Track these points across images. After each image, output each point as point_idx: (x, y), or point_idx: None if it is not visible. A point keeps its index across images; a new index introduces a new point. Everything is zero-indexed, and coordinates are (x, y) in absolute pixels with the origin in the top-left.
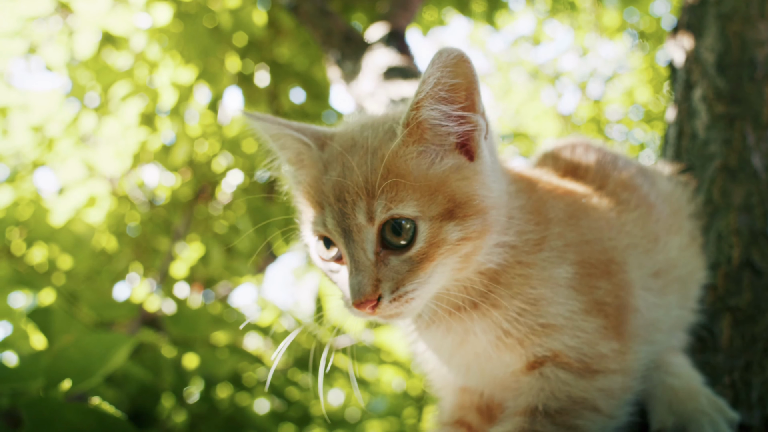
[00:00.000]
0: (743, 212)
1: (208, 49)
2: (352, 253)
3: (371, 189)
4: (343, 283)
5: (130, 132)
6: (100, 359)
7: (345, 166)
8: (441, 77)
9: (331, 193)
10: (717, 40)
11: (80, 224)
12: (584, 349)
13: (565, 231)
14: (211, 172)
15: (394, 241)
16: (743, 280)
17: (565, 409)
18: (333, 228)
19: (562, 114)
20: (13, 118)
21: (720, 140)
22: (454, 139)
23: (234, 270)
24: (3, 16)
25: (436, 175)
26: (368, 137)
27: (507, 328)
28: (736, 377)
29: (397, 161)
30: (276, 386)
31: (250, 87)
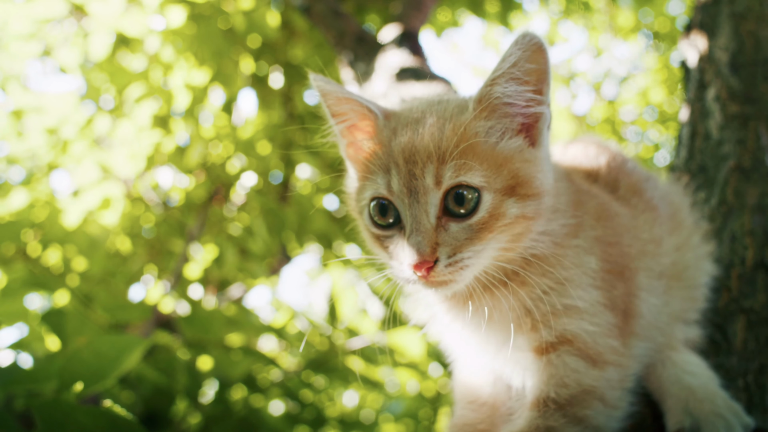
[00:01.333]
0: (757, 213)
1: (222, 51)
2: (415, 215)
3: (442, 154)
4: (399, 249)
5: (144, 134)
6: (113, 361)
7: (416, 132)
8: (520, 58)
9: (400, 156)
10: (730, 39)
11: (94, 226)
12: (598, 338)
13: (596, 227)
14: (225, 173)
15: (456, 209)
16: (757, 281)
17: (575, 398)
18: (398, 189)
19: (576, 115)
20: (28, 120)
21: (734, 140)
22: (521, 120)
23: (248, 271)
24: (17, 19)
25: (502, 151)
26: (438, 110)
27: (530, 306)
28: (750, 380)
29: (468, 133)
30: (290, 388)
31: (264, 88)
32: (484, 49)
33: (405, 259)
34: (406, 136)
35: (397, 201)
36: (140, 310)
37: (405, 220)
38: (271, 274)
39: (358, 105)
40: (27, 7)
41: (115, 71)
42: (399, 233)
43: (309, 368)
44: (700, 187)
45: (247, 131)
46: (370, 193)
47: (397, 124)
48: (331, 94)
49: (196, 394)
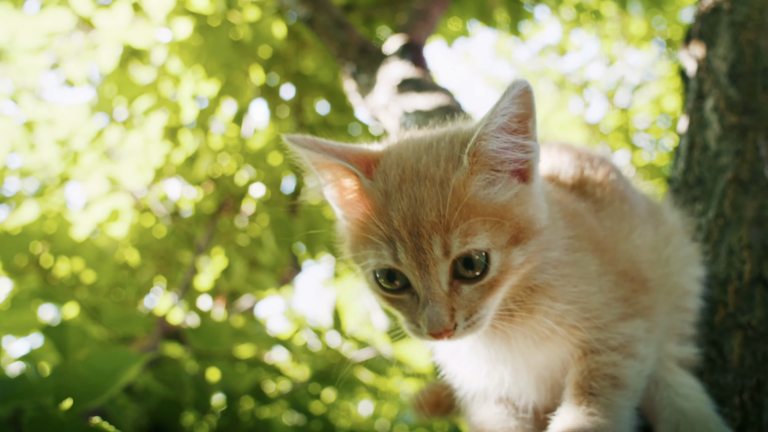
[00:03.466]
0: (755, 226)
1: (230, 62)
2: (428, 286)
3: (446, 223)
4: (413, 313)
5: (152, 146)
6: (110, 377)
7: (414, 198)
8: (511, 110)
9: (402, 228)
10: (729, 48)
11: (103, 238)
12: (623, 306)
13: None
14: (234, 185)
15: (466, 273)
16: (755, 296)
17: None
18: (407, 262)
19: (589, 123)
20: (39, 132)
21: (732, 152)
22: (515, 165)
23: (257, 283)
24: (26, 32)
25: (501, 203)
26: (429, 165)
27: (550, 328)
28: (746, 398)
29: (467, 192)
30: (297, 399)
31: (275, 99)
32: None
33: (422, 325)
34: (404, 204)
35: (406, 271)
36: (143, 322)
37: (417, 288)
38: (282, 285)
39: (338, 167)
40: (35, 20)
41: (124, 83)
42: (411, 297)
43: (315, 380)
44: (697, 199)
45: (258, 142)
46: (375, 262)
47: (387, 185)
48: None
49: (204, 405)
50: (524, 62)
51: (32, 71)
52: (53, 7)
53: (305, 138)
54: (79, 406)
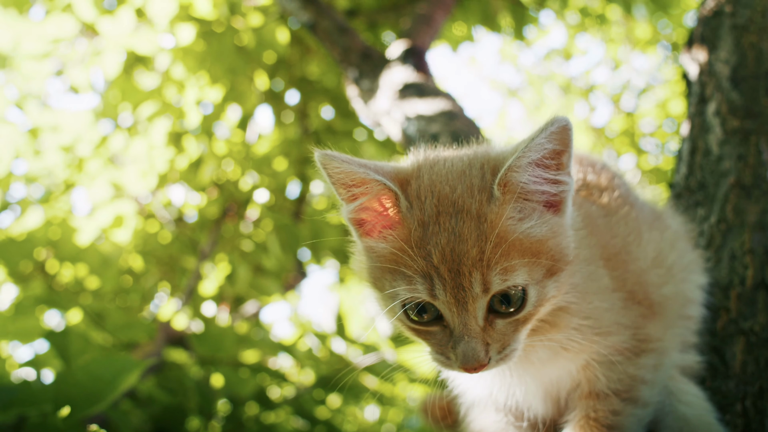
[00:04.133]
0: (758, 231)
1: (235, 68)
2: (464, 322)
3: (487, 260)
4: (441, 345)
5: (156, 152)
6: (109, 383)
7: (453, 233)
8: (546, 147)
9: (442, 264)
10: (732, 52)
11: (107, 244)
12: (631, 339)
13: (591, 235)
14: (239, 190)
15: (501, 308)
16: (758, 301)
17: (626, 387)
18: (444, 298)
19: (594, 127)
20: (44, 139)
21: (734, 156)
22: (546, 197)
23: (261, 288)
24: (30, 38)
25: (538, 238)
26: (464, 196)
27: (566, 346)
28: (749, 404)
29: (504, 227)
30: (301, 405)
31: (280, 105)
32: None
33: (453, 358)
34: (444, 237)
35: (441, 306)
36: (146, 328)
37: (451, 323)
38: (287, 290)
39: (377, 185)
40: (39, 27)
41: (128, 89)
42: (442, 330)
43: (319, 386)
44: (699, 204)
45: (263, 147)
46: (407, 295)
47: (422, 215)
48: (341, 172)
49: (208, 411)
50: (530, 67)
51: (37, 78)
52: (57, 14)
53: (340, 153)
54: (79, 413)
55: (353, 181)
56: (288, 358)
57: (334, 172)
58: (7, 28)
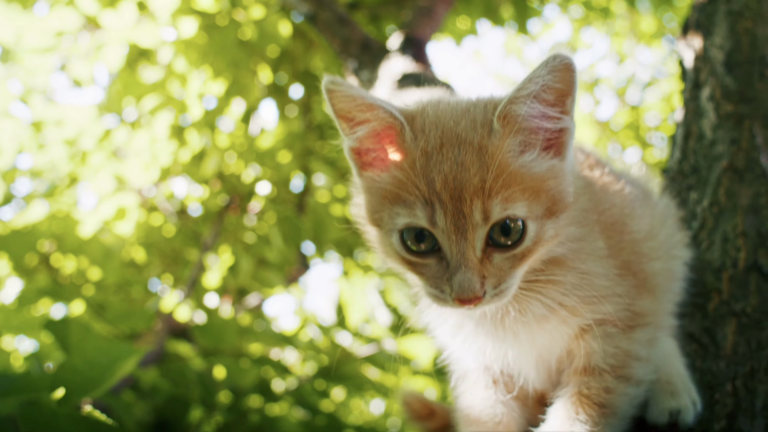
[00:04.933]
0: (750, 214)
1: (238, 62)
2: (462, 251)
3: (488, 189)
4: (436, 277)
5: (158, 144)
6: (106, 370)
7: (456, 162)
8: (547, 80)
9: (444, 190)
10: (726, 38)
11: (110, 236)
12: (624, 311)
13: (591, 202)
14: (241, 183)
15: (500, 240)
16: (750, 283)
17: (620, 361)
18: (443, 225)
19: (599, 121)
20: (48, 133)
21: (727, 140)
22: (546, 135)
23: (264, 280)
24: (33, 32)
25: (539, 174)
26: (467, 129)
27: (562, 301)
28: (739, 384)
29: (504, 158)
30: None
31: (283, 98)
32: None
33: (448, 290)
34: (447, 165)
35: (439, 234)
36: (145, 317)
37: (448, 253)
38: (290, 283)
39: (383, 113)
40: (41, 20)
41: (130, 83)
42: (438, 262)
43: (320, 376)
44: (692, 188)
45: (267, 141)
46: (406, 221)
47: (426, 145)
48: (348, 98)
49: (210, 402)
50: (534, 60)
51: (41, 72)
52: (60, 7)
53: (349, 83)
54: (76, 399)
55: (359, 107)
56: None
57: (342, 97)
58: (10, 22)
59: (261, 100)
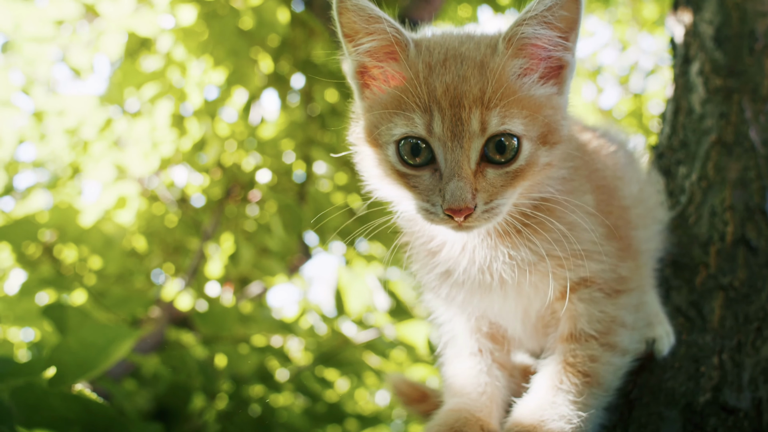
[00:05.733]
0: (739, 187)
1: (238, 50)
2: (456, 160)
3: (487, 100)
4: (428, 190)
5: (158, 133)
6: (101, 351)
7: (457, 74)
8: (554, 4)
9: (444, 97)
10: (716, 12)
11: (110, 225)
12: (609, 272)
13: (583, 160)
14: (242, 171)
15: (495, 156)
16: (738, 257)
17: (606, 327)
18: (441, 132)
19: (602, 109)
20: (49, 123)
21: (716, 114)
22: (548, 64)
23: (265, 269)
24: (32, 21)
25: (537, 98)
26: (470, 49)
27: (549, 249)
28: (726, 358)
29: (506, 76)
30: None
31: (285, 88)
32: None
33: (441, 201)
34: (448, 76)
35: (435, 143)
36: (141, 302)
37: (443, 163)
38: (292, 272)
39: (389, 26)
40: (39, 9)
41: (130, 71)
42: (431, 174)
43: (320, 362)
44: (681, 162)
45: (269, 130)
46: (403, 131)
47: (430, 59)
48: (355, 10)
49: (211, 390)
50: None
51: (41, 62)
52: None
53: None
54: (71, 380)
55: (368, 19)
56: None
57: (353, 7)
58: (8, 11)
59: (263, 89)
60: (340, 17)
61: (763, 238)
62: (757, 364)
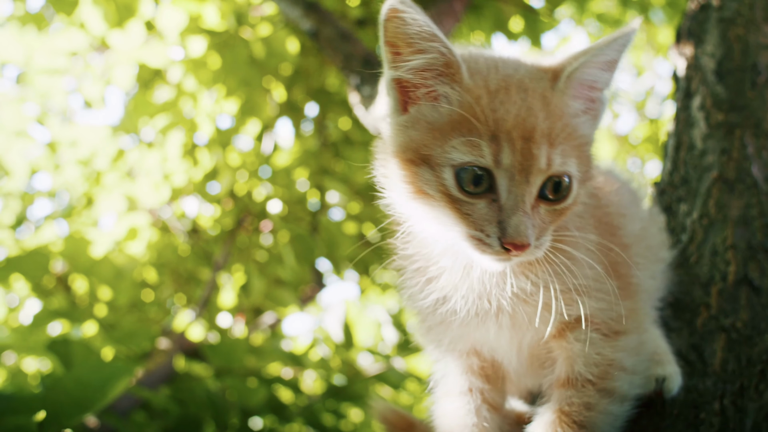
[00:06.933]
0: (741, 226)
1: (249, 80)
2: (521, 195)
3: (554, 137)
4: (484, 220)
5: (171, 164)
6: (98, 390)
7: (524, 104)
8: (612, 52)
9: (514, 130)
10: (718, 45)
11: (121, 256)
12: (608, 312)
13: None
14: (253, 202)
15: (549, 193)
16: (740, 298)
17: (603, 372)
18: (509, 164)
19: (618, 135)
20: (63, 153)
21: (717, 150)
22: (593, 106)
23: (277, 299)
24: (42, 53)
25: (583, 137)
26: (526, 78)
27: (549, 282)
28: (727, 403)
29: (565, 114)
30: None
31: (298, 116)
32: None
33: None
34: (515, 106)
35: (500, 175)
36: (147, 337)
37: (505, 195)
38: (306, 302)
39: (444, 47)
40: (50, 41)
41: (141, 102)
42: (488, 204)
43: (331, 395)
44: (682, 199)
45: (283, 159)
46: (467, 159)
47: (488, 84)
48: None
49: (222, 423)
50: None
51: (54, 93)
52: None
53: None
54: (66, 421)
55: (422, 36)
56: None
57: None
58: (19, 43)
59: (276, 118)
60: (388, 27)
61: (766, 277)
62: (761, 410)
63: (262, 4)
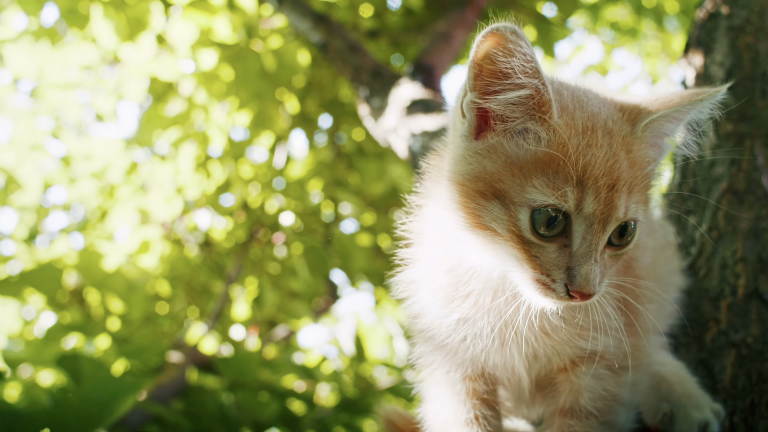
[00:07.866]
0: (751, 238)
1: (262, 92)
2: (596, 243)
3: (632, 186)
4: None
5: (183, 177)
6: (104, 408)
7: (610, 150)
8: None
9: (602, 177)
10: (727, 54)
11: (134, 269)
12: (618, 348)
13: None
14: (266, 214)
15: (615, 238)
16: (750, 312)
17: (607, 407)
18: (590, 212)
19: None
20: (77, 167)
21: (727, 161)
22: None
23: (290, 312)
24: (54, 67)
25: (651, 184)
26: (608, 120)
27: (571, 317)
28: (737, 420)
29: (643, 163)
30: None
31: (312, 128)
32: None
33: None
34: (602, 152)
35: (579, 221)
36: (156, 352)
37: (578, 241)
38: (320, 314)
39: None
40: (61, 56)
41: (152, 116)
42: (558, 248)
43: (343, 408)
44: (691, 211)
45: (297, 170)
46: (548, 201)
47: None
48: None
49: None
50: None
51: (67, 107)
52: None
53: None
54: None
55: (526, 72)
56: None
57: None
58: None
59: (289, 130)
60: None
61: None
62: None
63: (272, 16)
